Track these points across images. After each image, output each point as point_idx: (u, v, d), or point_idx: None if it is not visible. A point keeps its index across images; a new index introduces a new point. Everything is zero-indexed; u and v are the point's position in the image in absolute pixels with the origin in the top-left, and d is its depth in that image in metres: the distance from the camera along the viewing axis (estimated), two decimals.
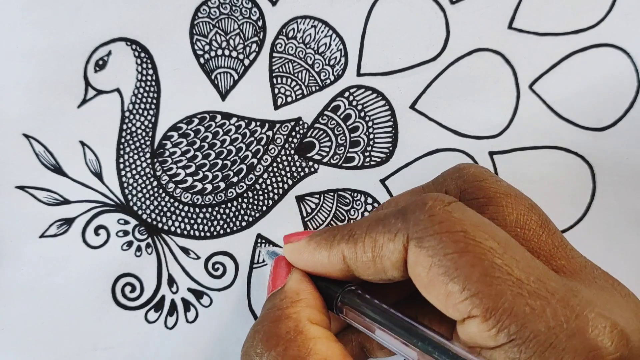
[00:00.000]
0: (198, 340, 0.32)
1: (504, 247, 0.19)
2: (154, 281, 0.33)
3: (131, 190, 0.33)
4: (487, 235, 0.20)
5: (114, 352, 0.32)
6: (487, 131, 0.33)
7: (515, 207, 0.22)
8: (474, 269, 0.19)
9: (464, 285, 0.19)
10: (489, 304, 0.18)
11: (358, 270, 0.23)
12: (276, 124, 0.33)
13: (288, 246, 0.26)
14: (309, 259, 0.24)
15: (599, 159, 0.33)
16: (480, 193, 0.23)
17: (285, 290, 0.24)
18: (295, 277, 0.25)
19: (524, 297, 0.18)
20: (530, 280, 0.19)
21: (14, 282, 0.32)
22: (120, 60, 0.33)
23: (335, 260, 0.23)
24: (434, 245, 0.20)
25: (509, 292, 0.18)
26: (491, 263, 0.19)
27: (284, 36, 0.33)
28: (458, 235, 0.19)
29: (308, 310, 0.23)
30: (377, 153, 0.33)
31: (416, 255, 0.20)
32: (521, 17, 0.33)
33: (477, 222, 0.20)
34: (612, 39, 0.33)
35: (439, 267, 0.19)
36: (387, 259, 0.21)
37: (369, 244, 0.22)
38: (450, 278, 0.19)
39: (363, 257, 0.22)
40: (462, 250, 0.19)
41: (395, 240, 0.21)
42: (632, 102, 0.33)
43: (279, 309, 0.23)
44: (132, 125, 0.33)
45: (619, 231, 0.33)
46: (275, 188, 0.33)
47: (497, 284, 0.18)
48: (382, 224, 0.22)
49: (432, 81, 0.33)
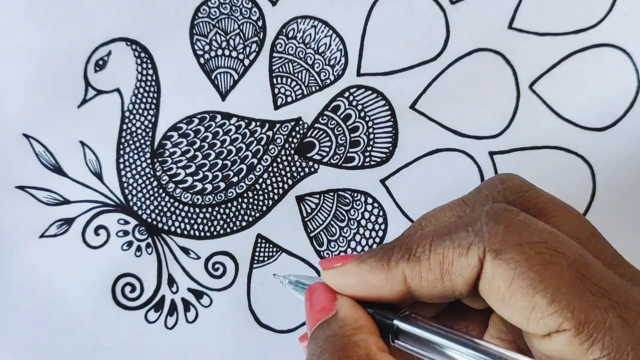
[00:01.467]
0: (198, 340, 0.32)
1: (584, 258, 0.19)
2: (154, 281, 0.33)
3: (131, 190, 0.33)
4: (566, 246, 0.19)
5: (114, 352, 0.32)
6: (487, 131, 0.33)
7: (568, 218, 0.22)
8: (562, 281, 0.18)
9: (553, 298, 0.18)
10: (581, 317, 0.18)
11: (422, 290, 0.21)
12: (276, 124, 0.33)
13: (332, 272, 0.23)
14: (360, 283, 0.22)
15: (599, 159, 0.33)
16: (529, 204, 0.22)
17: (342, 317, 0.22)
18: (345, 304, 0.23)
19: (615, 309, 0.18)
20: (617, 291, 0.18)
21: (14, 282, 0.32)
22: (120, 60, 0.33)
23: (394, 282, 0.22)
24: (515, 258, 0.19)
25: (600, 304, 0.18)
26: (579, 274, 0.18)
27: (284, 36, 0.33)
28: (540, 246, 0.19)
29: (374, 338, 0.21)
30: (377, 153, 0.33)
31: (495, 268, 0.19)
32: (521, 17, 0.33)
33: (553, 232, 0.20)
34: (612, 39, 0.33)
35: (523, 279, 0.18)
36: (459, 276, 0.20)
37: (436, 261, 0.21)
38: (536, 291, 0.18)
39: (429, 276, 0.21)
40: (547, 261, 0.18)
41: (469, 254, 0.20)
42: (632, 102, 0.33)
43: (343, 336, 0.21)
44: (132, 125, 0.33)
45: (619, 231, 0.33)
46: (275, 188, 0.33)
47: (587, 296, 0.18)
48: (450, 238, 0.20)
49: (432, 81, 0.33)
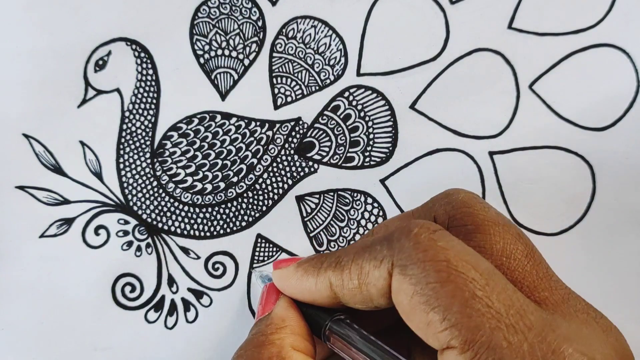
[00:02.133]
0: (198, 340, 0.32)
1: (486, 279, 0.19)
2: (154, 281, 0.33)
3: (131, 190, 0.33)
4: (470, 265, 0.20)
5: (114, 352, 0.32)
6: (487, 131, 0.33)
7: (502, 236, 0.22)
8: (455, 300, 0.19)
9: (444, 315, 0.19)
10: (467, 336, 0.18)
11: (345, 297, 0.23)
12: (276, 124, 0.33)
13: (276, 272, 0.26)
14: (296, 285, 0.25)
15: (599, 159, 0.33)
16: (468, 220, 0.23)
17: (272, 316, 0.25)
18: (282, 304, 0.25)
19: (502, 330, 0.18)
20: (510, 313, 0.19)
21: (14, 282, 0.32)
22: (120, 60, 0.33)
23: (322, 288, 0.23)
24: (417, 274, 0.20)
25: (488, 324, 0.18)
26: (472, 294, 0.19)
27: (284, 36, 0.33)
28: (441, 264, 0.19)
29: (292, 337, 0.23)
30: (377, 153, 0.33)
31: (399, 282, 0.20)
32: (521, 17, 0.33)
33: (461, 251, 0.20)
34: (612, 39, 0.33)
35: (421, 295, 0.19)
36: (373, 286, 0.21)
37: (355, 271, 0.22)
38: (431, 307, 0.19)
39: (349, 285, 0.22)
40: (444, 280, 0.19)
41: (381, 267, 0.21)
42: (632, 102, 0.33)
43: (263, 334, 0.23)
44: (132, 125, 0.33)
45: (619, 231, 0.33)
46: (275, 188, 0.33)
47: (476, 315, 0.18)
48: (369, 250, 0.22)
49: (432, 81, 0.33)
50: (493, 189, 0.33)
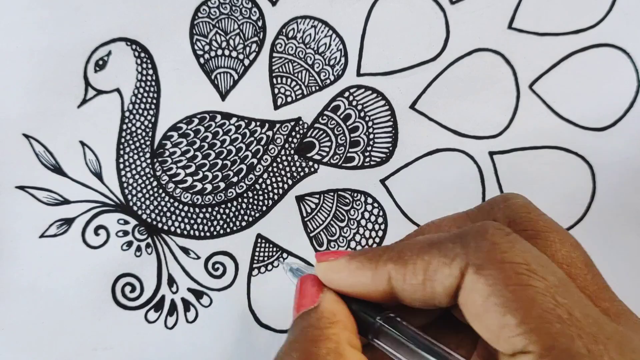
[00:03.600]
0: (198, 340, 0.32)
1: (564, 286, 0.19)
2: (154, 281, 0.33)
3: (131, 190, 0.33)
4: (549, 271, 0.19)
5: (114, 352, 0.32)
6: (487, 131, 0.33)
7: (563, 244, 0.22)
8: (535, 304, 0.18)
9: (523, 319, 0.18)
10: (548, 342, 0.18)
11: (404, 293, 0.22)
12: (276, 124, 0.33)
13: (324, 264, 0.24)
14: (348, 278, 0.23)
15: (599, 159, 0.33)
16: (529, 225, 0.22)
17: (321, 310, 0.23)
18: (330, 298, 0.23)
19: (582, 339, 0.18)
20: (589, 322, 0.18)
21: (14, 282, 0.32)
22: (120, 60, 0.33)
23: (379, 282, 0.22)
24: (494, 274, 0.19)
25: (569, 332, 0.18)
26: (553, 300, 0.18)
27: (284, 36, 0.33)
28: (520, 267, 0.19)
29: (347, 333, 0.22)
30: (377, 153, 0.33)
31: (474, 282, 0.19)
32: (521, 17, 0.33)
33: (538, 256, 0.20)
34: (612, 39, 0.33)
35: (498, 297, 0.19)
36: (440, 284, 0.21)
37: (421, 266, 0.21)
38: (508, 310, 0.18)
39: (412, 280, 0.21)
40: (524, 283, 0.19)
41: (452, 265, 0.20)
42: (632, 102, 0.33)
43: (317, 328, 0.22)
44: (132, 125, 0.33)
45: (619, 231, 0.33)
46: (275, 188, 0.33)
47: (557, 322, 0.18)
48: (438, 247, 0.21)
49: (432, 81, 0.33)
50: (493, 189, 0.33)
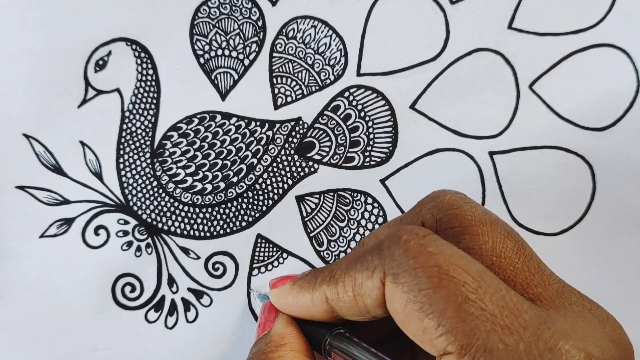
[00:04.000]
0: (198, 340, 0.32)
1: (478, 281, 0.19)
2: (154, 281, 0.33)
3: (131, 190, 0.33)
4: (460, 269, 0.19)
5: (114, 352, 0.32)
6: (487, 131, 0.33)
7: (491, 235, 0.22)
8: (448, 305, 0.19)
9: (439, 322, 0.19)
10: (463, 340, 0.18)
11: (342, 310, 0.23)
12: (276, 124, 0.33)
13: (273, 291, 0.26)
14: (293, 302, 0.25)
15: (599, 159, 0.33)
16: (455, 222, 0.23)
17: (271, 334, 0.25)
18: (280, 322, 0.25)
19: (497, 332, 0.18)
20: (504, 314, 0.19)
21: (14, 282, 0.32)
22: (120, 60, 0.33)
23: (318, 303, 0.23)
24: (409, 281, 0.20)
25: (483, 327, 0.18)
26: (465, 298, 0.19)
27: (284, 36, 0.33)
28: (432, 270, 0.19)
29: (292, 354, 0.23)
30: (377, 153, 0.33)
31: (392, 291, 0.20)
32: (521, 17, 0.33)
33: (452, 255, 0.20)
34: (612, 39, 0.33)
35: (414, 303, 0.19)
36: (368, 297, 0.21)
37: (349, 283, 0.22)
38: (425, 314, 0.19)
39: (345, 297, 0.22)
40: (436, 285, 0.19)
41: (373, 277, 0.21)
42: (632, 102, 0.33)
43: (263, 353, 0.24)
44: (132, 125, 0.33)
45: (619, 231, 0.33)
46: (275, 188, 0.33)
47: (470, 319, 0.18)
48: (360, 261, 0.22)
49: (432, 81, 0.33)
50: (493, 189, 0.33)
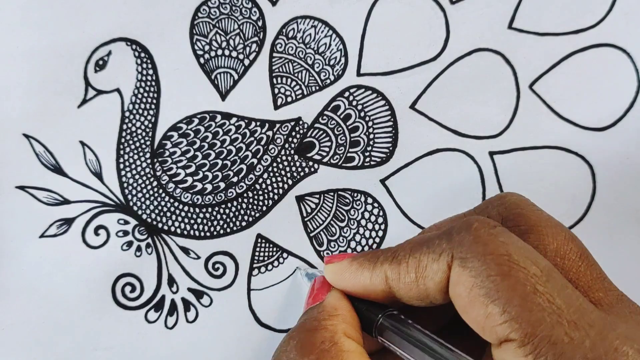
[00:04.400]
0: (198, 340, 0.32)
1: (546, 275, 0.19)
2: (154, 281, 0.33)
3: (131, 190, 0.33)
4: (530, 261, 0.20)
5: (114, 352, 0.32)
6: (487, 131, 0.33)
7: (555, 237, 0.22)
8: (515, 293, 0.19)
9: (504, 308, 0.19)
10: (528, 329, 0.18)
11: (400, 291, 0.23)
12: (276, 124, 0.33)
13: (330, 266, 0.26)
14: (350, 279, 0.24)
15: (599, 159, 0.33)
16: (521, 220, 0.23)
17: (324, 304, 0.24)
18: (334, 295, 0.25)
19: (563, 326, 0.18)
20: (571, 310, 0.19)
21: (14, 282, 0.32)
22: (120, 60, 0.33)
23: (377, 281, 0.23)
24: (477, 267, 0.20)
25: (549, 319, 0.18)
26: (533, 289, 0.19)
27: (284, 36, 0.33)
28: (502, 258, 0.20)
29: (345, 325, 0.23)
30: (377, 153, 0.33)
31: (459, 275, 0.20)
32: (521, 17, 0.33)
33: (522, 247, 0.20)
34: (612, 39, 0.33)
35: (481, 288, 0.19)
36: (431, 280, 0.21)
37: (413, 264, 0.22)
38: (491, 300, 0.19)
39: (406, 278, 0.22)
40: (505, 273, 0.19)
41: (440, 260, 0.21)
42: (632, 102, 0.33)
43: (315, 319, 0.23)
44: (132, 125, 0.33)
45: (619, 231, 0.33)
46: (275, 188, 0.33)
47: (537, 310, 0.18)
48: (427, 244, 0.22)
49: (432, 81, 0.33)
50: (493, 189, 0.33)
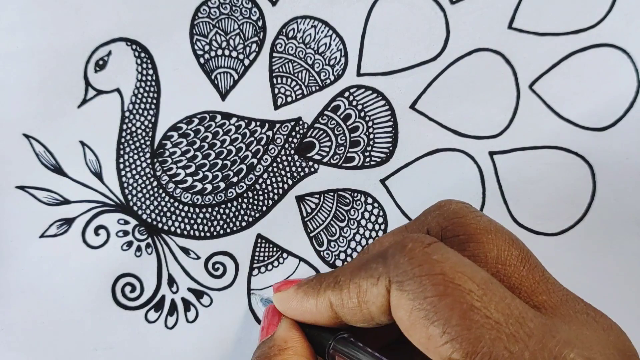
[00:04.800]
0: (198, 340, 0.32)
1: (483, 289, 0.19)
2: (154, 281, 0.33)
3: (131, 190, 0.33)
4: (466, 276, 0.20)
5: (114, 352, 0.32)
6: (487, 131, 0.33)
7: (495, 243, 0.22)
8: (453, 312, 0.19)
9: (444, 329, 0.19)
10: (468, 348, 0.18)
11: (346, 316, 0.23)
12: (276, 124, 0.33)
13: (277, 295, 0.26)
14: (297, 307, 0.25)
15: (599, 159, 0.33)
16: (460, 230, 0.23)
17: (274, 338, 0.25)
18: (284, 326, 0.25)
19: (502, 340, 0.18)
20: (509, 322, 0.19)
21: (14, 282, 0.32)
22: (120, 60, 0.33)
23: (322, 308, 0.23)
24: (414, 289, 0.20)
25: (488, 335, 0.18)
26: (470, 306, 0.19)
27: (284, 36, 0.33)
28: (437, 278, 0.19)
29: (295, 358, 0.23)
30: (377, 153, 0.33)
31: (398, 298, 0.20)
32: (521, 17, 0.33)
33: (457, 263, 0.20)
34: (612, 39, 0.33)
35: (420, 310, 0.19)
36: (372, 304, 0.21)
37: (354, 290, 0.22)
38: (430, 321, 0.19)
39: (349, 303, 0.22)
40: (442, 293, 0.19)
41: (378, 284, 0.21)
42: (632, 102, 0.33)
43: (266, 356, 0.24)
44: (132, 125, 0.33)
45: (619, 231, 0.33)
46: (275, 188, 0.33)
47: (476, 327, 0.18)
48: (365, 268, 0.22)
49: (432, 81, 0.33)
50: (493, 189, 0.33)
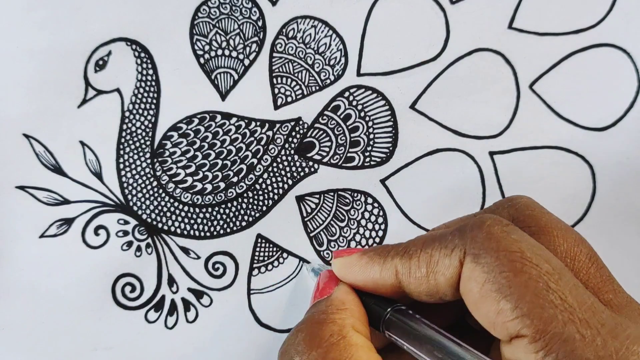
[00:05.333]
0: (198, 340, 0.32)
1: (558, 273, 0.20)
2: (154, 281, 0.33)
3: (131, 190, 0.33)
4: (543, 259, 0.20)
5: (114, 352, 0.32)
6: (487, 131, 0.33)
7: (565, 239, 0.23)
8: (528, 290, 0.19)
9: (516, 304, 0.19)
10: (540, 326, 0.18)
11: (410, 286, 0.23)
12: (276, 124, 0.33)
13: (338, 260, 0.25)
14: (359, 273, 0.24)
15: (599, 159, 0.33)
16: (532, 222, 0.23)
17: (332, 298, 0.24)
18: (342, 289, 0.25)
19: (575, 323, 0.18)
20: (583, 308, 0.19)
21: (14, 282, 0.32)
22: (120, 60, 0.33)
23: (387, 275, 0.23)
24: (490, 262, 0.20)
25: (561, 317, 0.18)
26: (546, 286, 0.19)
27: (284, 36, 0.33)
28: (515, 255, 0.20)
29: (353, 319, 0.23)
30: (377, 153, 0.33)
31: (471, 270, 0.20)
32: (521, 17, 0.33)
33: (534, 245, 0.20)
34: (612, 39, 0.33)
35: (493, 283, 0.19)
36: (442, 275, 0.21)
37: (424, 259, 0.22)
38: (503, 295, 0.19)
39: (417, 273, 0.22)
40: (518, 270, 0.19)
41: (452, 255, 0.21)
42: (632, 102, 0.33)
43: (323, 312, 0.23)
44: (132, 125, 0.33)
45: (619, 231, 0.33)
46: (275, 188, 0.33)
47: (549, 307, 0.19)
48: (439, 240, 0.22)
49: (432, 81, 0.33)
50: (493, 189, 0.33)
